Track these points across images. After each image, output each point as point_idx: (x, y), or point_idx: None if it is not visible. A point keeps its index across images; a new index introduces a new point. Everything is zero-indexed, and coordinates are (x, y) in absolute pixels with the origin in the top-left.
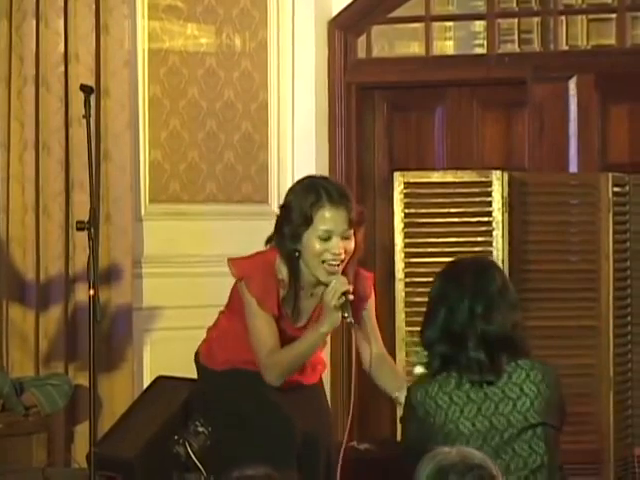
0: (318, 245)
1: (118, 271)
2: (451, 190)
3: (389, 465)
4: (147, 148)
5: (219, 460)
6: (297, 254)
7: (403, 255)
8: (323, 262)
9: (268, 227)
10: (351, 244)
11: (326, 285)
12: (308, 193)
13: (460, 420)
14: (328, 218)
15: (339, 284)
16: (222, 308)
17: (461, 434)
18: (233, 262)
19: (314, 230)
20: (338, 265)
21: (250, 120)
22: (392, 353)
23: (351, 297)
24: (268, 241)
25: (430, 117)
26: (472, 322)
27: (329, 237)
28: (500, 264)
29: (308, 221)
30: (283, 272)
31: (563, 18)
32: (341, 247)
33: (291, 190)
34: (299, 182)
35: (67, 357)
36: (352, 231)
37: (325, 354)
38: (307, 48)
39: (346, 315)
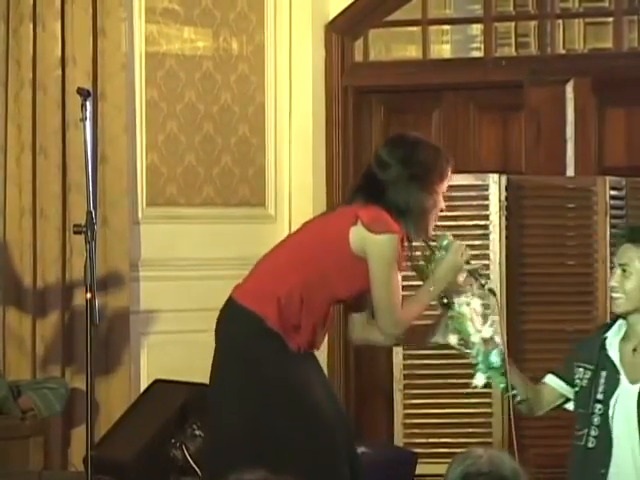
0: (438, 201)
1: (115, 274)
2: (448, 193)
3: (386, 469)
4: (144, 151)
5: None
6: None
7: None
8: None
9: (265, 230)
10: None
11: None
12: (437, 153)
13: None
14: (448, 177)
15: (462, 245)
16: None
17: None
18: (376, 218)
19: (444, 185)
20: None
21: (247, 123)
22: (389, 358)
23: (480, 264)
24: (366, 196)
25: (427, 120)
26: None
27: (443, 194)
28: (497, 267)
29: (442, 177)
30: None
31: (560, 22)
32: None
33: (412, 143)
34: (414, 138)
35: (64, 360)
36: None
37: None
38: (304, 51)
39: (483, 281)
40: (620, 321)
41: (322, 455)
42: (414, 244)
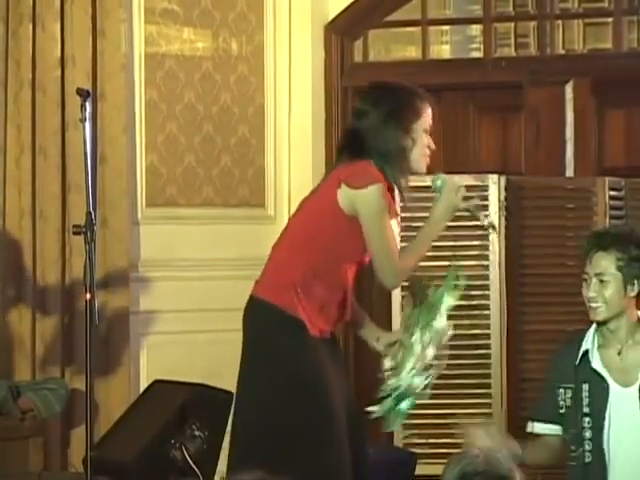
0: (421, 139)
1: (115, 275)
2: None
3: (385, 469)
4: (144, 152)
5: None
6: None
7: None
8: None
9: (265, 230)
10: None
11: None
12: (408, 90)
13: None
14: (429, 113)
15: (456, 182)
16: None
17: None
18: (355, 174)
19: (422, 123)
20: None
21: (247, 124)
22: None
23: (476, 200)
24: (351, 153)
25: None
26: None
27: (428, 132)
28: (496, 268)
29: (418, 114)
30: None
31: (560, 22)
32: (432, 142)
33: (383, 90)
34: (385, 84)
35: (64, 361)
36: None
37: None
38: (304, 52)
39: (481, 218)
40: (592, 329)
41: (324, 452)
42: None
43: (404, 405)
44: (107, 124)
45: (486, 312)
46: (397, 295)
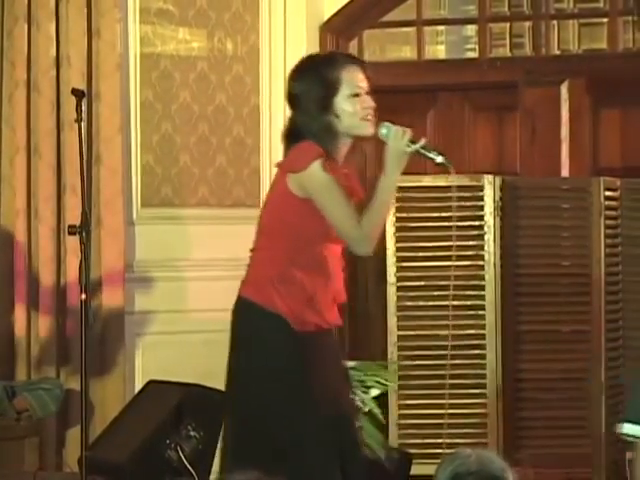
0: (352, 104)
1: (110, 275)
2: (443, 194)
3: (380, 469)
4: (139, 152)
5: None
6: (333, 125)
7: (395, 259)
8: (361, 120)
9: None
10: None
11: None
12: (323, 64)
13: None
14: (352, 74)
15: (401, 129)
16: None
17: None
18: (290, 162)
19: (344, 90)
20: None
21: (242, 124)
22: (384, 357)
23: (424, 139)
24: (291, 140)
25: (422, 121)
26: None
27: (358, 93)
28: (492, 268)
29: (336, 85)
30: None
31: (555, 22)
32: (371, 101)
33: (298, 75)
34: (301, 65)
35: (59, 361)
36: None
37: None
38: (299, 52)
39: (432, 156)
40: None
41: (308, 453)
42: None
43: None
44: (102, 124)
45: (481, 312)
46: (393, 294)
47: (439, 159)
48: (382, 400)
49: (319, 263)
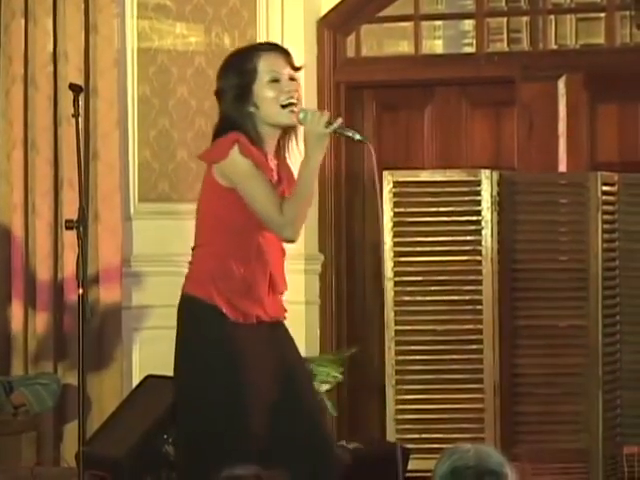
0: (270, 90)
1: (107, 270)
2: (440, 189)
3: (378, 464)
4: (136, 147)
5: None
6: (253, 114)
7: (392, 254)
8: (283, 107)
9: None
10: (299, 89)
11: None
12: (241, 55)
13: None
14: (270, 61)
15: (318, 112)
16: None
17: None
18: (210, 152)
19: (263, 77)
20: (296, 106)
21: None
22: (381, 351)
23: (340, 120)
24: (218, 134)
25: (419, 116)
26: None
27: (277, 79)
28: (489, 263)
29: (252, 73)
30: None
31: (552, 17)
32: (292, 86)
33: (222, 70)
34: (224, 62)
35: (56, 356)
36: (297, 76)
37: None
38: (296, 47)
39: (351, 134)
40: None
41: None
42: None
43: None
44: (99, 119)
45: (479, 307)
46: (390, 288)
47: (357, 136)
48: (333, 393)
49: (257, 253)
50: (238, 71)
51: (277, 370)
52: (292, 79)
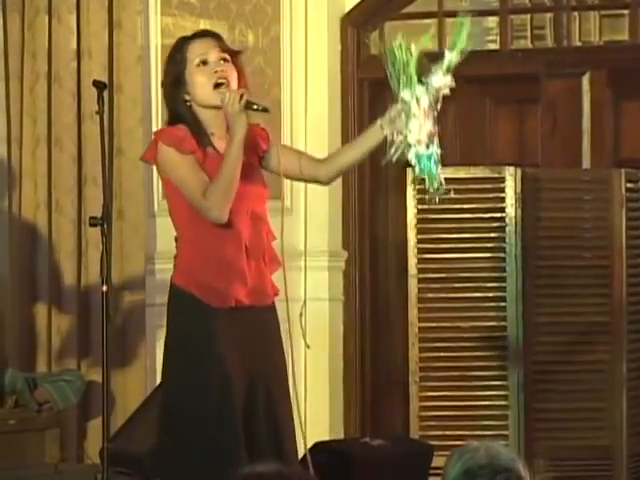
0: (200, 74)
1: (131, 267)
2: (464, 186)
3: (402, 461)
4: None
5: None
6: (189, 102)
7: (416, 251)
8: (216, 88)
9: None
10: (233, 70)
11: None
12: (173, 47)
13: None
14: (197, 45)
15: (231, 92)
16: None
17: None
18: (148, 149)
19: (192, 62)
20: (227, 86)
21: (263, 116)
22: (405, 349)
23: (246, 95)
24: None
25: (442, 113)
26: None
27: (205, 61)
28: (513, 260)
29: (183, 61)
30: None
31: (576, 14)
32: (222, 66)
33: (164, 64)
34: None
35: (80, 353)
36: (230, 59)
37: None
38: (320, 44)
39: (255, 107)
40: None
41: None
42: None
43: (427, 161)
44: (123, 116)
45: (502, 304)
46: (414, 285)
47: (260, 106)
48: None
49: (225, 229)
50: (172, 61)
51: (247, 366)
52: (224, 60)
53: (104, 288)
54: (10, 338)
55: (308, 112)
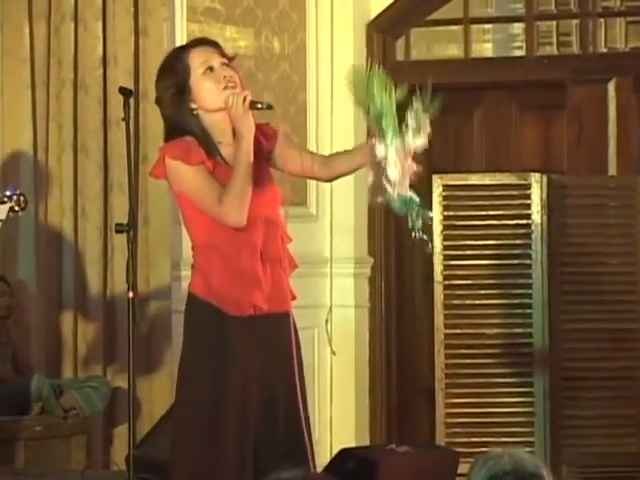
0: (207, 81)
1: (157, 274)
2: (490, 193)
3: (428, 468)
4: None
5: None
6: (195, 110)
7: (442, 258)
8: (224, 90)
9: (307, 229)
10: (237, 75)
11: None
12: (171, 57)
13: None
14: (199, 53)
15: (234, 94)
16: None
17: None
18: (154, 169)
19: (196, 70)
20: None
21: (289, 122)
22: (430, 355)
23: (249, 95)
24: (167, 139)
25: (469, 119)
26: None
27: (211, 67)
28: (539, 267)
29: (186, 70)
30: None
31: (602, 20)
32: (228, 71)
33: (157, 77)
34: (158, 70)
35: (106, 360)
36: (231, 64)
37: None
38: (346, 51)
39: (260, 105)
40: None
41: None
42: None
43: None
44: (149, 123)
45: (528, 311)
46: (439, 292)
47: (264, 105)
48: None
49: (239, 235)
50: (171, 72)
51: (265, 374)
52: (226, 65)
53: (130, 294)
54: (36, 344)
55: (334, 118)
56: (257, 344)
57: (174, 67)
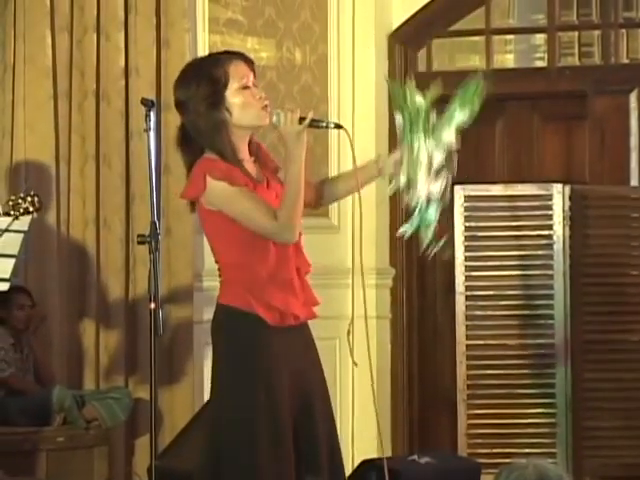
0: (242, 96)
1: (179, 284)
2: (512, 203)
3: (450, 479)
4: None
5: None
6: (225, 121)
7: (463, 269)
8: (263, 109)
9: (329, 240)
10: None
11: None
12: (207, 63)
13: None
14: (241, 68)
15: (287, 112)
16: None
17: None
18: (187, 189)
19: (233, 84)
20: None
21: (311, 133)
22: (452, 366)
23: (310, 113)
24: (183, 146)
25: (490, 130)
26: None
27: (247, 86)
28: (561, 277)
29: (224, 79)
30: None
31: (623, 31)
32: (262, 93)
33: (184, 79)
34: (184, 72)
35: (127, 370)
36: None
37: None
38: (367, 62)
39: (325, 125)
40: None
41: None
42: None
43: (430, 213)
44: (171, 134)
45: (550, 322)
46: (461, 303)
47: (331, 125)
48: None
49: (273, 248)
50: (207, 78)
51: (298, 383)
52: (255, 85)
53: (152, 305)
54: (58, 355)
55: (355, 130)
56: (290, 352)
57: (212, 74)
